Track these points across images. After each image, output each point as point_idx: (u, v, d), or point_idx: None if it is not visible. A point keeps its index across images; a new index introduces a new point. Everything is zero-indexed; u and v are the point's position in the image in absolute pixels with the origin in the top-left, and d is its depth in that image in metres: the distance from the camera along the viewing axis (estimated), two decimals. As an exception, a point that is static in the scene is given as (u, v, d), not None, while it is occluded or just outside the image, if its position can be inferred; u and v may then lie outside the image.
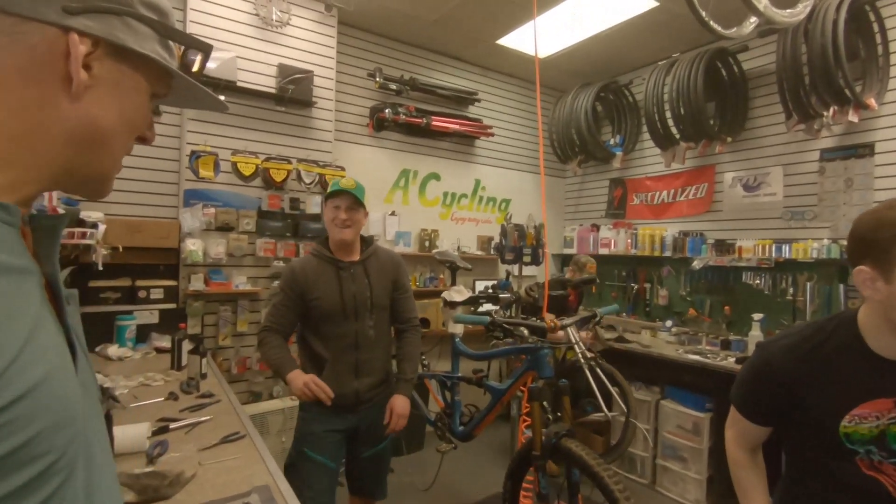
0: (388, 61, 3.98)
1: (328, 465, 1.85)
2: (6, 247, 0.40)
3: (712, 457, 3.01)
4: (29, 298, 0.40)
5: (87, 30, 0.43)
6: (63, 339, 0.45)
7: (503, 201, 4.71)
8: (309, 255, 1.96)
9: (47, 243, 0.47)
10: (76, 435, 0.41)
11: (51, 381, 0.39)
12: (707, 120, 3.53)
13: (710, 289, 3.73)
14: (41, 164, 0.45)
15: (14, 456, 0.35)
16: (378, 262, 1.98)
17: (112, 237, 2.53)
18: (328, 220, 1.90)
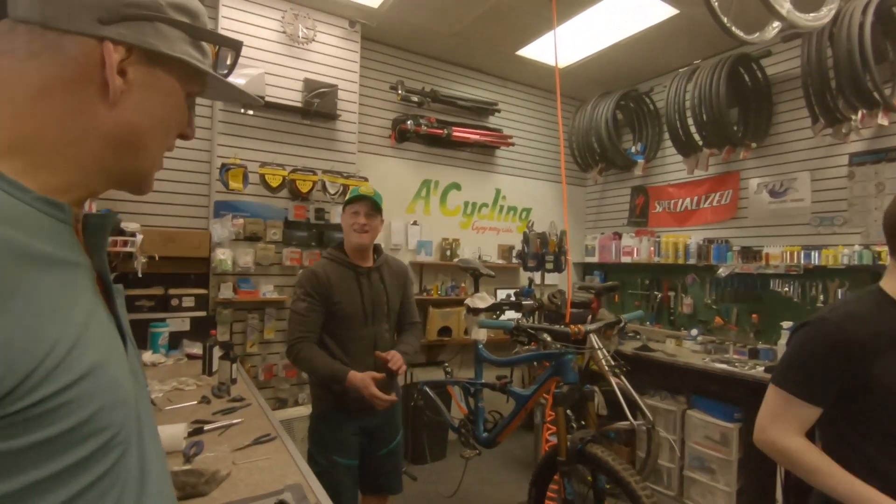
0: (410, 74, 4.07)
1: (354, 466, 1.91)
2: (62, 242, 0.44)
3: (742, 468, 2.94)
4: (84, 290, 0.44)
5: (121, 38, 0.46)
6: (114, 327, 0.49)
7: (524, 210, 4.72)
8: (325, 259, 1.97)
9: (96, 240, 0.51)
10: (129, 413, 0.45)
11: (106, 364, 0.43)
12: (730, 126, 3.50)
13: (737, 297, 3.66)
14: (86, 168, 0.48)
15: (79, 429, 0.39)
16: (390, 269, 2.06)
17: (148, 247, 2.63)
18: (347, 226, 1.95)
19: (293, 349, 1.87)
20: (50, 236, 0.42)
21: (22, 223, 0.40)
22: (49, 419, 0.37)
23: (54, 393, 0.37)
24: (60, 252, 0.43)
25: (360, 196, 1.93)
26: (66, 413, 0.38)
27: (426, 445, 3.39)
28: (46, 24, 0.43)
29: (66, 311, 0.40)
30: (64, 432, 0.38)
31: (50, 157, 0.45)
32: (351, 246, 1.96)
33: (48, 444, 0.37)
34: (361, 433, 1.94)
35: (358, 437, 1.92)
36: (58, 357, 0.38)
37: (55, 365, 0.38)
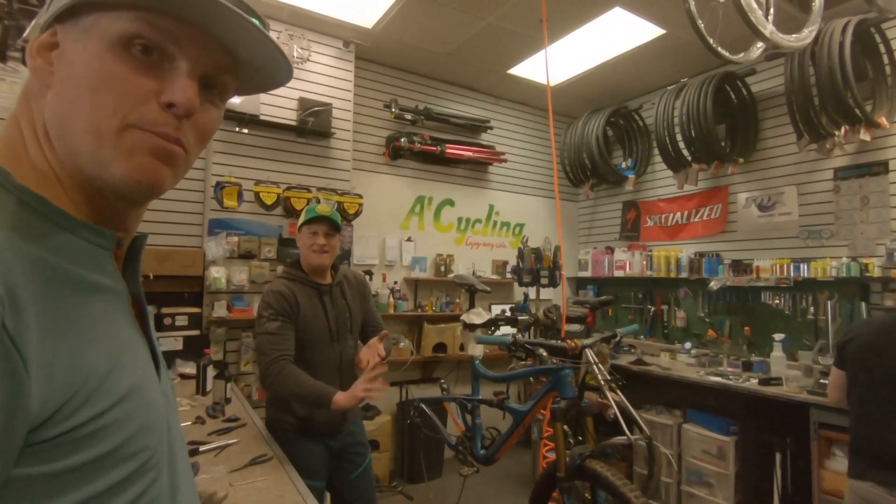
0: (404, 92, 4.12)
1: (322, 487, 1.86)
2: (103, 269, 0.46)
3: (739, 482, 2.93)
4: (122, 316, 0.46)
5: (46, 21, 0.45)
6: (148, 352, 0.50)
7: (517, 225, 4.76)
8: (283, 279, 1.89)
9: (134, 264, 0.52)
10: (162, 436, 0.46)
11: (142, 388, 0.44)
12: (718, 142, 3.57)
13: (729, 309, 3.70)
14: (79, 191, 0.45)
15: (117, 453, 0.40)
16: (349, 283, 2.02)
17: (144, 266, 2.61)
18: (305, 246, 1.89)
19: (271, 369, 1.70)
20: (92, 263, 0.44)
21: (67, 251, 0.41)
22: (88, 443, 0.38)
23: (94, 417, 0.38)
24: (101, 279, 0.44)
25: (318, 216, 1.88)
26: (104, 436, 0.39)
27: (422, 463, 3.35)
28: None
29: (105, 335, 0.42)
30: (101, 456, 0.39)
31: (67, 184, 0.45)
32: (310, 266, 1.90)
33: (87, 467, 0.38)
34: (328, 454, 1.88)
35: (324, 460, 1.86)
36: (97, 381, 0.39)
37: (95, 389, 0.38)
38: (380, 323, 2.10)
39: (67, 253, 0.42)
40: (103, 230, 0.46)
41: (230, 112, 3.09)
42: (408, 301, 3.97)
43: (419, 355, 3.83)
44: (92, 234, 0.45)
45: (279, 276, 1.94)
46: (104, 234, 0.46)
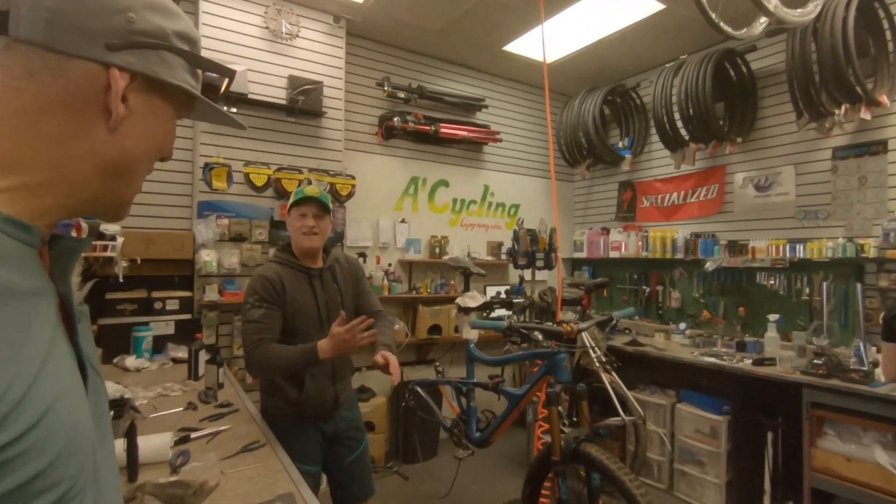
0: (396, 70, 4.02)
1: (318, 472, 1.85)
2: (25, 268, 0.41)
3: (731, 460, 2.97)
4: (43, 322, 0.41)
5: (127, 65, 0.46)
6: (74, 362, 0.46)
7: (512, 206, 4.71)
8: (275, 263, 1.85)
9: (64, 264, 0.48)
10: (86, 461, 0.42)
11: (63, 406, 0.39)
12: (716, 121, 3.52)
13: (724, 290, 3.70)
14: (73, 191, 0.46)
15: (32, 485, 0.35)
16: (341, 267, 1.97)
17: (129, 250, 2.57)
18: (294, 229, 1.84)
19: (252, 355, 1.68)
20: (12, 263, 0.39)
21: None
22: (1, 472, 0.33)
23: (5, 445, 0.33)
24: (21, 281, 0.39)
25: (306, 198, 1.82)
26: (18, 466, 0.34)
27: (417, 445, 3.37)
28: (51, 46, 0.42)
29: (23, 346, 0.37)
30: (13, 490, 0.34)
31: (34, 178, 0.43)
32: (300, 249, 1.86)
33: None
34: (322, 438, 1.86)
35: (318, 444, 1.85)
36: (10, 403, 0.34)
37: (7, 413, 0.34)
38: (376, 304, 2.05)
39: None
40: (30, 226, 0.42)
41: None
42: (402, 283, 3.95)
43: (414, 337, 3.82)
44: (16, 229, 0.40)
45: (269, 261, 1.89)
46: (31, 229, 0.42)
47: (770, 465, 2.86)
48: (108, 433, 0.51)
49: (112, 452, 0.52)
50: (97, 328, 2.62)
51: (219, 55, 3.04)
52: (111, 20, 0.45)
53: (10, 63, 0.41)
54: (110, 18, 0.45)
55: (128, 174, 0.50)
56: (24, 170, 0.42)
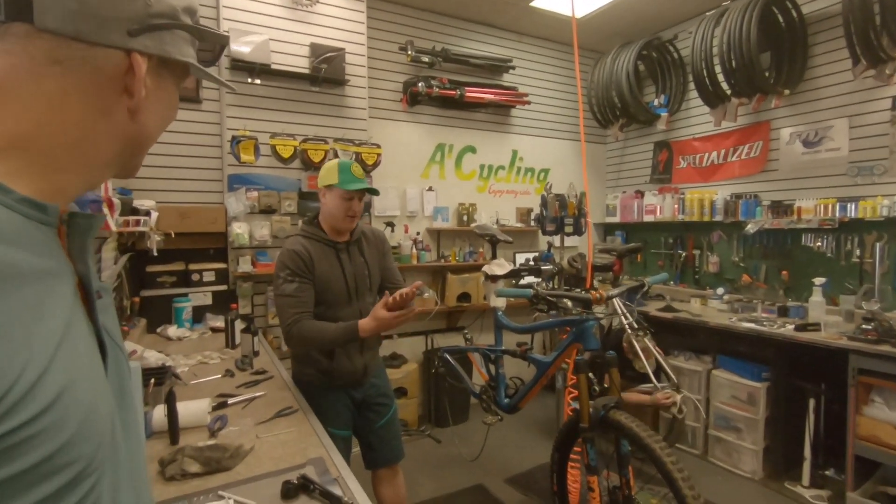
0: (420, 33, 3.90)
1: (348, 436, 1.91)
2: (42, 248, 0.41)
3: (769, 427, 2.90)
4: (59, 303, 0.41)
5: (146, 49, 0.47)
6: (93, 340, 0.46)
7: (542, 171, 4.59)
8: (302, 237, 1.86)
9: (81, 242, 0.48)
10: (103, 440, 0.42)
11: (79, 386, 0.39)
12: (762, 72, 3.28)
13: (766, 253, 3.53)
14: (92, 168, 0.48)
15: (46, 464, 0.36)
16: (367, 240, 1.98)
17: (164, 224, 2.64)
18: (338, 209, 1.82)
19: (293, 330, 1.72)
20: (29, 244, 0.39)
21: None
22: (13, 454, 0.34)
23: (21, 425, 0.34)
24: (39, 261, 0.40)
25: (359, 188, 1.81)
26: (33, 447, 0.35)
27: (448, 409, 3.44)
28: (77, 36, 0.43)
29: (38, 330, 0.37)
30: (29, 468, 0.35)
31: (53, 158, 0.44)
32: (335, 226, 1.86)
33: (11, 481, 0.34)
34: (352, 404, 1.91)
35: (349, 409, 1.90)
36: (27, 384, 0.34)
37: (24, 393, 0.34)
38: (399, 280, 2.06)
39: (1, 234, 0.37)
40: (46, 205, 0.42)
41: (241, 62, 2.99)
42: (430, 252, 3.94)
43: (444, 305, 3.85)
44: (32, 208, 0.40)
45: (296, 234, 1.90)
46: (47, 209, 0.42)
47: (811, 433, 2.78)
48: (132, 407, 0.52)
49: (138, 426, 0.53)
50: (140, 300, 2.75)
51: (241, 25, 3.02)
52: (132, 6, 0.46)
53: (33, 50, 0.42)
54: (131, 4, 0.46)
55: (144, 147, 0.53)
56: (43, 151, 0.43)
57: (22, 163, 0.42)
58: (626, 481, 1.72)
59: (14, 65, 0.42)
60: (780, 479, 2.86)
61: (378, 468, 2.02)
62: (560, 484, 2.09)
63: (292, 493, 1.10)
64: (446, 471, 3.03)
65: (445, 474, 2.99)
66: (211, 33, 0.57)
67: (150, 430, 1.43)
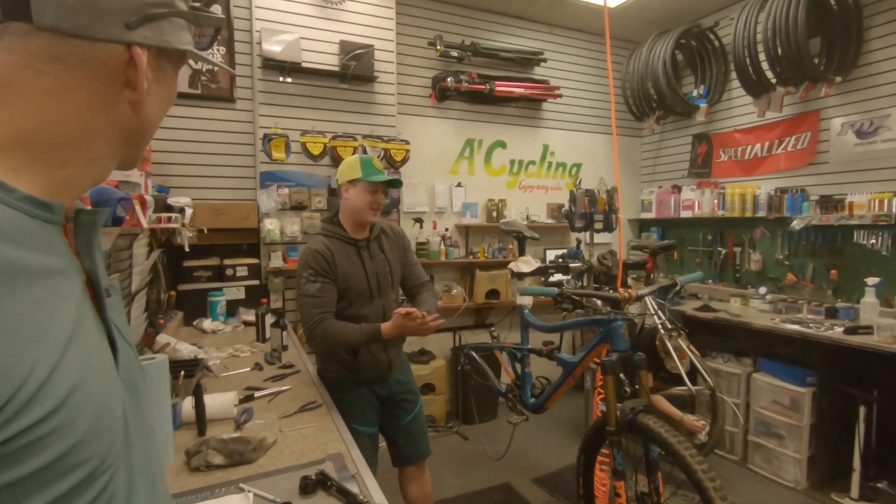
0: (449, 27, 3.87)
1: (375, 434, 1.92)
2: (47, 246, 0.41)
3: (814, 435, 2.75)
4: (67, 301, 0.41)
5: (145, 41, 0.47)
6: (103, 337, 0.46)
7: (574, 166, 4.49)
8: (323, 236, 1.86)
9: (86, 238, 0.48)
10: (116, 438, 0.42)
11: (90, 385, 0.39)
12: (811, 59, 3.08)
13: (813, 251, 3.33)
14: (96, 163, 0.48)
15: (59, 463, 0.36)
16: (387, 237, 1.98)
17: (199, 220, 2.73)
18: (363, 203, 1.82)
19: (316, 331, 1.73)
20: (34, 242, 0.39)
21: (1, 231, 0.37)
22: (25, 454, 0.34)
23: (32, 425, 0.34)
24: (45, 259, 0.40)
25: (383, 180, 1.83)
26: (45, 446, 0.35)
27: (475, 407, 3.42)
28: (77, 32, 0.43)
29: (46, 329, 0.37)
30: (42, 468, 0.35)
31: (56, 154, 0.44)
32: (358, 221, 1.87)
33: (25, 482, 0.34)
34: (377, 401, 1.92)
35: (374, 406, 1.91)
36: (36, 384, 0.34)
37: (33, 393, 0.34)
38: (422, 275, 2.06)
39: (3, 232, 0.37)
40: (51, 203, 0.42)
41: (272, 61, 3.04)
42: (459, 248, 3.93)
43: (471, 302, 3.82)
44: (36, 207, 0.40)
45: (317, 233, 1.91)
46: (51, 206, 0.42)
47: (861, 442, 2.61)
48: (143, 401, 0.52)
49: (148, 419, 0.53)
50: (176, 293, 2.85)
51: (273, 25, 3.07)
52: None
53: (33, 48, 0.42)
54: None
55: (147, 137, 0.53)
56: (46, 147, 0.43)
57: (25, 159, 0.42)
58: (654, 487, 1.66)
59: (14, 62, 0.42)
60: (826, 490, 2.71)
61: (405, 465, 2.03)
62: (586, 487, 2.04)
63: (310, 489, 1.11)
64: (472, 468, 3.01)
65: (471, 472, 2.98)
66: (207, 17, 0.56)
67: (180, 421, 1.47)
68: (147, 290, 2.23)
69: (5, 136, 0.41)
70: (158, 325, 2.30)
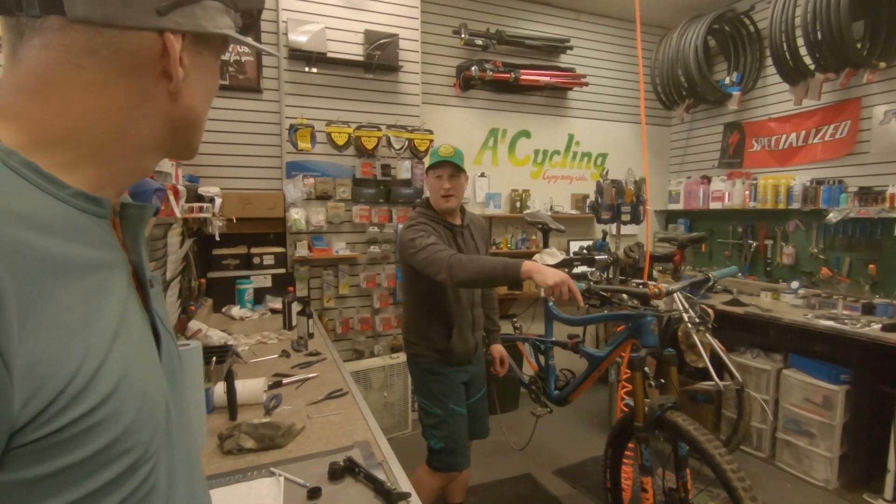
0: (474, 15, 3.82)
1: (465, 413, 1.98)
2: (98, 241, 0.42)
3: (847, 434, 2.67)
4: (115, 295, 0.42)
5: (178, 27, 0.45)
6: (148, 328, 0.47)
7: (599, 156, 4.41)
8: (420, 216, 1.93)
9: (133, 233, 0.48)
10: (158, 427, 0.43)
11: (135, 376, 0.40)
12: (853, 43, 2.95)
13: (850, 245, 3.22)
14: (140, 155, 0.48)
15: (106, 452, 0.37)
16: (475, 226, 2.08)
17: (228, 209, 2.78)
18: (433, 191, 1.92)
19: (452, 261, 1.65)
20: (84, 237, 0.40)
21: (54, 227, 0.38)
22: (73, 444, 0.35)
23: (80, 417, 0.35)
24: (95, 254, 0.41)
25: (441, 160, 1.88)
26: (93, 437, 0.36)
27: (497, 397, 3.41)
28: (108, 22, 0.42)
29: (96, 322, 0.38)
30: (89, 457, 0.36)
31: (101, 149, 0.44)
32: (440, 209, 1.94)
33: (72, 470, 0.35)
34: (464, 383, 2.01)
35: (463, 387, 1.99)
36: (86, 376, 0.36)
37: (83, 385, 0.35)
38: None
39: (56, 228, 0.38)
40: (100, 198, 0.42)
41: (298, 52, 3.05)
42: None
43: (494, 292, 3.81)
44: (87, 202, 0.41)
45: (415, 217, 1.95)
46: (101, 201, 0.43)
47: (896, 442, 2.53)
48: (183, 391, 0.54)
49: (187, 408, 0.55)
50: (206, 281, 2.91)
51: (298, 16, 3.08)
52: None
53: (69, 42, 0.42)
54: None
55: (194, 126, 0.52)
56: (90, 142, 0.43)
57: (73, 155, 0.42)
58: (682, 483, 1.64)
59: (54, 59, 0.42)
60: (859, 490, 2.64)
61: None
62: (613, 480, 2.03)
63: (338, 475, 1.13)
64: (494, 458, 3.03)
65: (493, 462, 2.99)
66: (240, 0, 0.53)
67: (212, 405, 1.51)
68: (180, 277, 2.29)
69: (52, 132, 0.42)
70: (190, 311, 2.36)
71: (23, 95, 0.41)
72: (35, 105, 0.41)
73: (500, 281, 1.64)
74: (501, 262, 1.61)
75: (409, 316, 2.03)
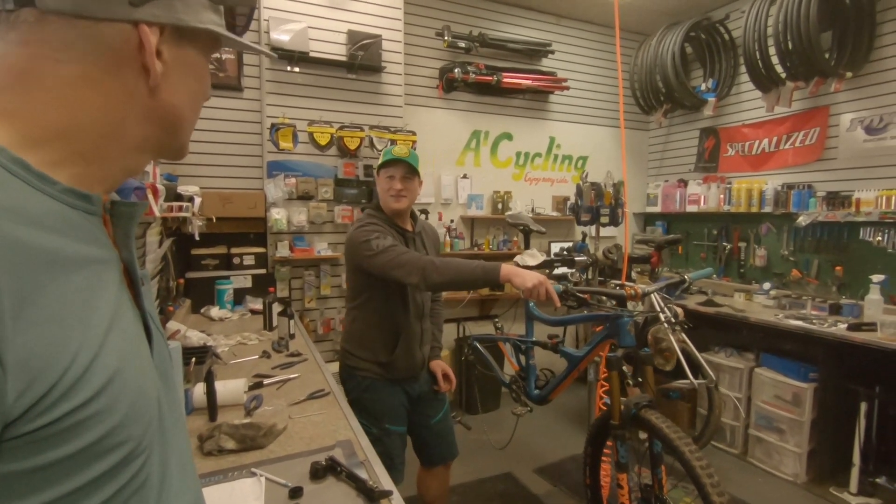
0: (457, 17, 3.85)
1: (404, 432, 1.90)
2: (89, 237, 0.42)
3: (815, 429, 2.77)
4: (108, 290, 0.42)
5: (154, 19, 0.44)
6: (139, 325, 0.47)
7: (580, 159, 4.48)
8: (371, 217, 1.83)
9: (124, 230, 0.49)
10: (151, 421, 0.44)
11: (128, 371, 0.41)
12: (821, 53, 3.06)
13: (819, 247, 3.33)
14: (128, 153, 0.47)
15: (99, 444, 0.38)
16: (427, 235, 1.99)
17: (208, 209, 2.74)
18: (382, 191, 1.81)
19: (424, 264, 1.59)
20: (76, 233, 0.41)
21: (45, 222, 0.38)
22: (67, 437, 0.35)
23: (73, 409, 0.36)
24: (86, 249, 0.41)
25: (394, 159, 1.78)
26: (86, 429, 0.36)
27: (478, 396, 3.45)
28: (79, 13, 0.41)
29: (89, 316, 0.38)
30: (82, 449, 0.36)
31: (87, 145, 0.43)
32: (389, 210, 1.84)
33: (65, 462, 0.36)
34: (408, 401, 1.91)
35: (404, 406, 1.89)
36: (79, 369, 0.36)
37: (76, 378, 0.36)
38: None
39: (47, 224, 0.38)
40: (90, 195, 0.43)
41: (280, 51, 3.03)
42: (464, 240, 3.94)
43: (476, 293, 3.84)
44: (78, 199, 0.41)
45: (365, 218, 1.85)
46: (91, 198, 0.43)
47: (861, 438, 2.63)
48: (173, 387, 0.54)
49: (178, 404, 0.55)
50: (185, 281, 2.87)
51: (281, 14, 3.06)
52: None
53: (46, 36, 0.41)
54: None
55: (179, 125, 0.50)
56: (76, 139, 0.43)
57: (64, 153, 0.42)
58: (657, 479, 1.68)
59: (32, 54, 0.40)
60: (825, 484, 2.74)
61: (434, 466, 2.02)
62: (593, 477, 2.07)
63: (320, 474, 1.14)
64: (475, 457, 3.05)
65: (475, 461, 3.02)
66: None
67: (191, 406, 1.50)
68: (158, 277, 2.26)
69: (40, 129, 0.41)
70: (168, 312, 2.33)
71: (5, 92, 0.41)
72: (18, 102, 0.41)
73: (478, 284, 1.63)
74: (480, 265, 1.59)
75: (353, 325, 1.90)
